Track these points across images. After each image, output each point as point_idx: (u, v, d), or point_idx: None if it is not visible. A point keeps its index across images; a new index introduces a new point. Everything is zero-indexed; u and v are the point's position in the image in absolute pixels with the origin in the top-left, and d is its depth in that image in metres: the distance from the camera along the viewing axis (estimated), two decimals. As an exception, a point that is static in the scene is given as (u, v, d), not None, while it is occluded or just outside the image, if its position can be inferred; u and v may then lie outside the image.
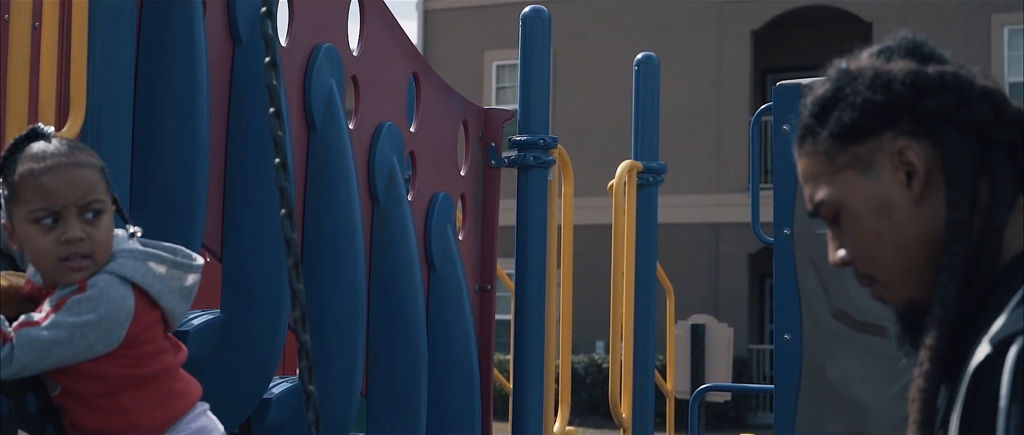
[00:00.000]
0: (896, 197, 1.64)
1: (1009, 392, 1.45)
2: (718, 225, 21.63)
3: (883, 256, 1.67)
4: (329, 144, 3.72)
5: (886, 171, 1.65)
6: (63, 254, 2.23)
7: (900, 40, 1.71)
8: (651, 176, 5.46)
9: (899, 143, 1.64)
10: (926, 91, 1.63)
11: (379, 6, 4.23)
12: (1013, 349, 1.46)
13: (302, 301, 2.24)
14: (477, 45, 23.78)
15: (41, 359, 2.17)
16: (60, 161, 2.25)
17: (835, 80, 1.70)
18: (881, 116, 1.64)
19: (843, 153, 1.67)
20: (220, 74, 3.40)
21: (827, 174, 1.69)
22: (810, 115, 1.71)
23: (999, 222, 1.60)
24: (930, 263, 1.63)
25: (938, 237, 1.62)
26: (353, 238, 3.74)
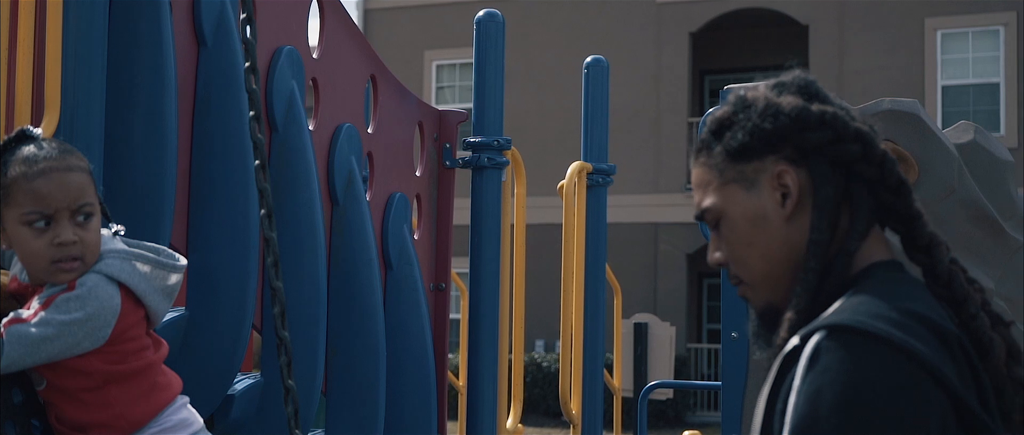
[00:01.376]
0: (771, 213, 1.88)
1: (802, 373, 1.69)
2: (657, 225, 21.77)
3: (752, 262, 1.90)
4: (290, 145, 3.78)
5: (765, 190, 1.89)
6: (55, 256, 2.28)
7: (794, 78, 1.95)
8: (600, 177, 5.54)
9: (779, 167, 1.87)
10: (808, 125, 1.86)
11: (338, 9, 4.29)
12: (812, 340, 1.71)
13: (282, 298, 2.30)
14: (417, 45, 23.76)
15: (30, 355, 2.22)
16: (52, 165, 2.29)
17: (733, 105, 1.94)
18: (767, 142, 1.88)
19: (731, 169, 1.90)
20: (185, 76, 3.45)
21: (715, 185, 1.92)
22: (709, 132, 1.94)
23: (850, 247, 1.84)
24: (790, 273, 1.88)
25: (800, 252, 1.87)
26: (314, 237, 3.80)
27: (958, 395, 1.69)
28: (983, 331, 1.83)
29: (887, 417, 1.65)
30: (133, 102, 3.17)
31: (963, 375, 1.74)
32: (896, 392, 1.66)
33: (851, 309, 1.75)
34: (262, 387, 3.75)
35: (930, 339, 1.72)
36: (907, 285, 1.83)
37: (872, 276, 1.83)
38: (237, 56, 3.51)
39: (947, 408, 1.68)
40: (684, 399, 20.56)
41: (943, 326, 1.75)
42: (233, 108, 3.48)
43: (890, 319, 1.71)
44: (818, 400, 1.67)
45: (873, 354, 1.68)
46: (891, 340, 1.68)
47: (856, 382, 1.66)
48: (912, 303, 1.76)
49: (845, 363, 1.67)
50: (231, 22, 3.56)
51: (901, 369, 1.67)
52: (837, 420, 1.65)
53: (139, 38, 3.18)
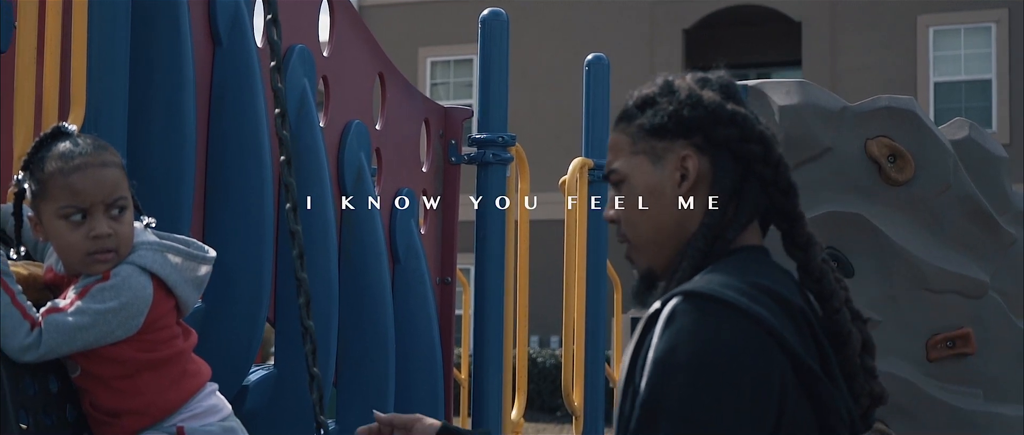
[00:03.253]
0: (668, 189, 2.08)
1: (660, 332, 1.91)
2: (651, 221, 21.82)
3: (642, 228, 2.11)
4: (302, 141, 3.86)
5: (668, 168, 2.08)
6: (91, 248, 2.37)
7: (718, 78, 2.15)
8: (601, 173, 5.61)
9: (685, 152, 2.07)
10: (720, 121, 2.06)
11: (347, 8, 4.37)
12: (670, 304, 1.92)
13: (306, 289, 2.39)
14: (411, 41, 23.80)
15: (66, 343, 2.31)
16: (88, 161, 2.37)
17: (659, 87, 2.14)
18: (681, 127, 2.08)
19: (644, 142, 2.10)
20: (201, 74, 3.54)
21: (627, 152, 2.12)
22: (634, 105, 2.15)
23: (729, 235, 2.05)
24: (673, 246, 2.08)
25: (686, 229, 2.07)
26: (326, 232, 3.89)
27: (800, 358, 1.89)
28: (844, 324, 2.03)
29: (732, 372, 1.86)
30: (153, 100, 3.26)
31: (806, 343, 1.94)
32: (741, 351, 1.87)
33: (706, 280, 1.95)
34: (275, 378, 3.83)
35: (775, 309, 1.92)
36: (762, 265, 2.03)
37: (736, 255, 2.04)
38: (252, 55, 3.60)
39: (787, 369, 1.89)
40: (678, 394, 20.63)
41: (789, 298, 1.96)
42: (248, 105, 3.57)
43: (739, 289, 1.92)
44: (672, 356, 1.88)
45: (722, 317, 1.89)
46: (738, 305, 1.89)
47: (706, 340, 1.87)
48: (762, 279, 1.96)
49: (697, 324, 1.89)
50: (245, 21, 3.65)
51: (746, 331, 1.88)
52: (687, 373, 1.86)
53: (158, 38, 3.27)
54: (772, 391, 1.87)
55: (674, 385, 1.87)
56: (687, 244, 2.06)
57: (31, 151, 2.42)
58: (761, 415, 1.86)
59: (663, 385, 1.88)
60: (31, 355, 2.28)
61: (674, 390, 1.87)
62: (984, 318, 4.30)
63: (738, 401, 1.85)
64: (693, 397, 1.86)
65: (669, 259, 2.09)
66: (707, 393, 1.85)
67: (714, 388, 1.86)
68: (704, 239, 2.04)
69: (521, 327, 5.16)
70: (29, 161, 2.41)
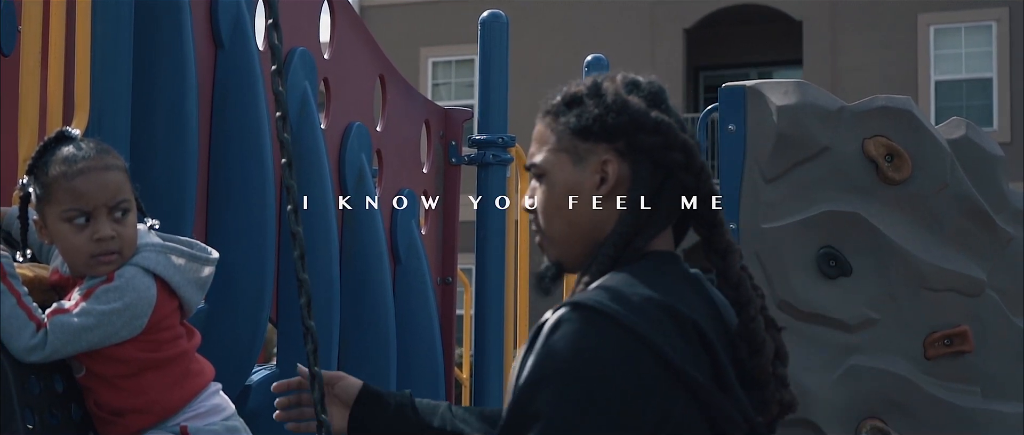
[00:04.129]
0: (586, 190, 2.09)
1: (543, 339, 1.95)
2: (652, 220, 21.84)
3: (556, 224, 2.13)
4: (304, 143, 3.90)
5: (589, 169, 2.09)
6: (95, 251, 2.40)
7: (648, 83, 2.15)
8: (599, 174, 5.64)
9: (606, 156, 2.08)
10: (643, 128, 2.08)
11: (347, 10, 4.41)
12: (557, 313, 1.96)
13: (308, 290, 2.42)
14: (413, 41, 23.82)
15: (72, 343, 2.34)
16: (91, 165, 2.41)
17: (587, 87, 2.15)
18: (605, 131, 2.09)
19: (568, 140, 2.11)
20: (203, 77, 3.57)
21: (550, 147, 2.14)
22: (562, 102, 2.16)
23: (640, 242, 2.07)
24: (585, 245, 2.10)
25: (600, 231, 2.09)
26: (327, 232, 3.93)
27: (680, 369, 1.92)
28: (758, 332, 2.05)
29: (602, 382, 1.90)
30: (156, 103, 3.30)
31: (694, 354, 1.96)
32: (615, 362, 1.90)
33: (597, 291, 1.98)
34: (278, 378, 3.86)
35: (662, 321, 1.95)
36: (664, 274, 2.05)
37: (643, 262, 2.06)
38: (253, 58, 3.64)
39: (667, 380, 1.92)
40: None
41: (680, 312, 1.97)
42: (250, 107, 3.60)
43: (627, 302, 1.94)
44: (547, 364, 1.93)
45: (602, 329, 1.92)
46: (618, 318, 1.91)
47: (581, 350, 1.91)
48: (656, 289, 1.98)
49: (577, 334, 1.92)
50: (247, 24, 3.68)
51: (623, 343, 1.91)
52: (558, 382, 1.90)
53: (161, 42, 3.31)
54: (645, 402, 1.90)
55: (544, 392, 1.91)
56: (599, 247, 2.08)
57: (35, 156, 2.46)
58: (631, 425, 1.90)
59: (534, 392, 1.92)
60: (37, 355, 2.32)
61: (544, 397, 1.91)
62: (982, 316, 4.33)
63: (605, 411, 1.89)
64: (560, 405, 1.90)
65: (579, 257, 2.12)
66: (575, 402, 1.89)
67: (582, 397, 1.90)
68: (614, 246, 2.07)
69: (522, 326, 5.19)
70: (33, 165, 2.45)
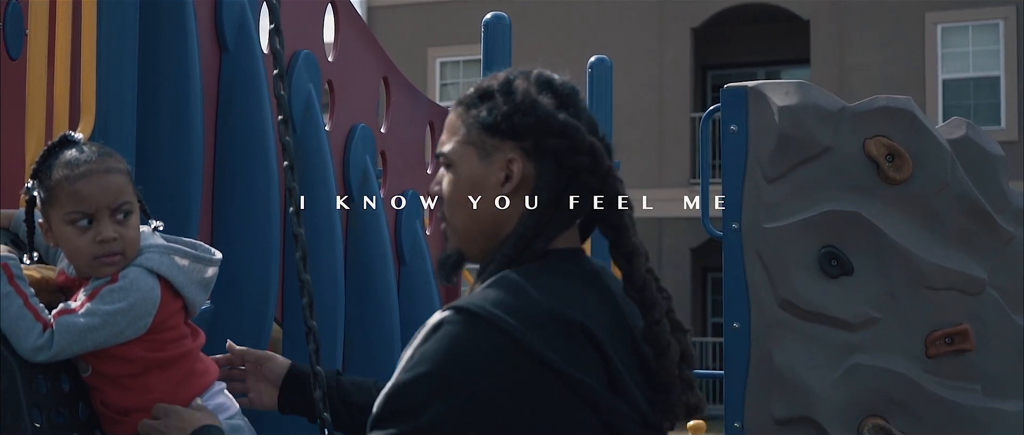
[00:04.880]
0: (490, 186, 2.13)
1: (421, 340, 2.00)
2: (661, 220, 21.85)
3: (459, 216, 2.17)
4: (308, 145, 3.93)
5: (495, 165, 2.13)
6: (98, 252, 2.44)
7: (561, 84, 2.20)
8: (604, 173, 5.67)
9: (513, 155, 2.12)
10: (549, 130, 2.11)
11: (351, 12, 4.44)
12: (441, 315, 2.00)
13: (310, 290, 2.47)
14: (420, 42, 23.86)
15: (77, 343, 2.38)
16: (92, 168, 2.45)
17: (500, 82, 2.19)
18: (512, 130, 2.12)
19: (476, 134, 2.15)
20: (208, 79, 3.61)
21: (460, 138, 2.17)
22: (474, 93, 2.20)
23: (539, 245, 2.10)
24: (486, 239, 2.15)
25: (502, 227, 2.13)
26: (332, 233, 3.96)
27: (567, 374, 1.94)
28: (663, 335, 2.09)
29: (474, 384, 1.92)
30: (161, 106, 3.33)
31: (586, 359, 1.98)
32: (488, 365, 1.93)
33: (482, 294, 2.01)
34: (283, 378, 3.90)
35: (548, 326, 1.97)
36: (562, 274, 2.08)
37: (543, 261, 2.09)
38: (258, 60, 3.67)
39: (552, 385, 1.94)
40: (690, 392, 20.63)
41: (567, 315, 1.99)
42: (255, 110, 3.64)
43: (510, 306, 1.97)
44: (422, 361, 1.96)
45: (479, 332, 1.95)
46: (496, 323, 1.94)
47: (457, 353, 1.94)
48: (545, 294, 2.00)
49: (454, 336, 1.96)
50: (251, 27, 3.72)
51: (498, 347, 1.94)
52: (431, 380, 1.93)
53: (165, 45, 3.34)
54: (519, 406, 1.92)
55: (416, 390, 1.94)
56: (499, 246, 2.12)
57: (39, 159, 2.50)
58: (502, 427, 1.92)
59: (406, 388, 1.95)
60: (43, 355, 2.36)
61: (415, 395, 1.94)
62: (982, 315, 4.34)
63: (475, 413, 1.92)
64: (430, 404, 1.92)
65: (480, 250, 2.17)
66: (444, 403, 1.92)
67: (453, 399, 1.92)
68: (513, 246, 2.10)
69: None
70: (38, 169, 2.49)
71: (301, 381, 2.59)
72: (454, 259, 2.23)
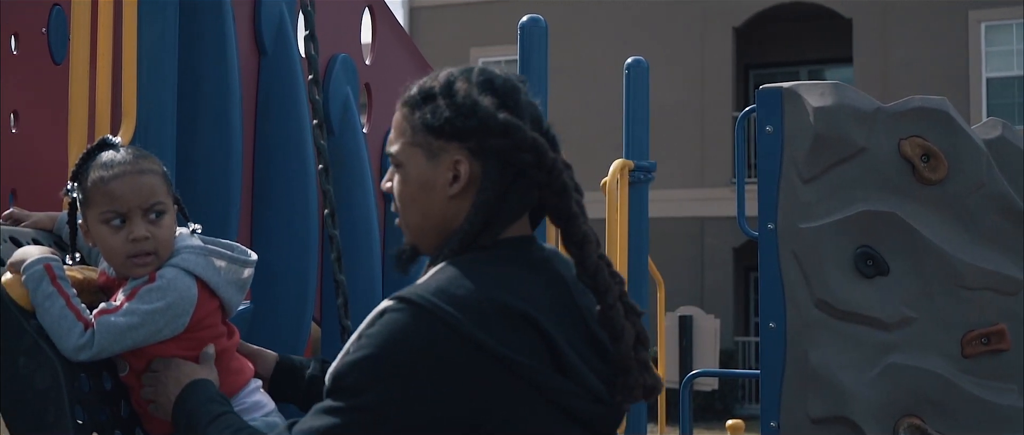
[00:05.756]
0: (439, 185, 2.19)
1: (363, 327, 2.08)
2: (703, 219, 21.80)
3: (410, 213, 2.24)
4: (346, 147, 3.98)
5: (442, 166, 2.18)
6: (131, 251, 2.50)
7: (503, 81, 2.23)
8: (642, 174, 5.70)
9: (458, 155, 2.17)
10: (491, 131, 2.16)
11: (388, 15, 4.49)
12: (385, 304, 2.07)
13: (345, 290, 2.51)
14: (463, 42, 23.91)
15: (117, 342, 2.43)
16: (126, 169, 2.51)
17: (441, 84, 2.23)
18: (455, 132, 2.17)
19: (421, 136, 2.20)
20: (247, 84, 3.66)
21: (406, 139, 2.23)
22: (417, 95, 2.24)
23: (486, 239, 2.17)
24: (437, 234, 2.21)
25: (452, 223, 2.19)
26: (369, 234, 4.01)
27: (507, 358, 2.02)
28: (617, 319, 2.14)
29: (412, 370, 2.01)
30: (201, 110, 3.39)
31: (528, 343, 2.06)
32: (425, 352, 2.01)
33: (424, 284, 2.09)
34: (322, 376, 3.95)
35: (488, 313, 2.05)
36: (504, 265, 2.15)
37: (490, 251, 2.16)
38: (295, 64, 3.72)
39: (491, 370, 2.02)
40: (732, 391, 20.60)
41: (508, 303, 2.07)
42: (292, 113, 3.69)
43: (449, 296, 2.05)
44: (365, 345, 2.05)
45: (419, 321, 2.02)
46: (435, 312, 2.02)
47: (397, 339, 2.02)
48: (487, 283, 2.08)
49: (394, 325, 2.03)
50: (289, 32, 3.77)
51: (436, 334, 2.01)
52: (371, 364, 2.03)
53: (205, 50, 3.40)
54: (457, 390, 2.01)
55: (357, 375, 2.04)
56: (446, 241, 2.19)
57: (79, 162, 2.56)
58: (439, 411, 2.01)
59: (349, 371, 2.05)
60: (85, 354, 2.41)
61: (356, 378, 2.04)
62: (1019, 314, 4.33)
63: (412, 397, 2.01)
64: (369, 389, 2.02)
65: (432, 244, 2.24)
66: (382, 387, 2.02)
67: (391, 384, 2.01)
68: (459, 242, 2.17)
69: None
70: (77, 171, 2.56)
71: (291, 371, 2.68)
72: (408, 253, 2.31)
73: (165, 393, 2.46)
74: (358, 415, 2.04)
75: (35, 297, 2.41)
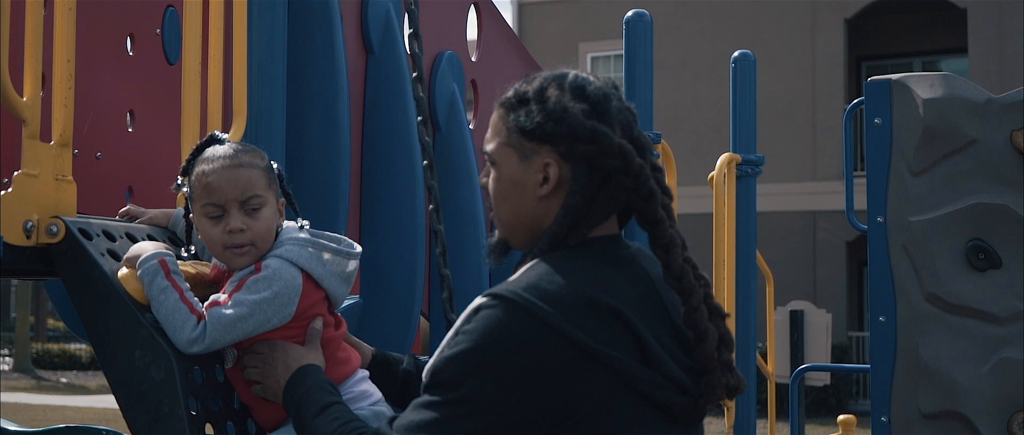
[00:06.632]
0: (530, 185, 2.30)
1: (460, 324, 2.17)
2: (815, 213, 21.59)
3: (503, 210, 2.35)
4: (453, 144, 4.03)
5: (533, 167, 2.29)
6: (227, 242, 2.58)
7: (595, 88, 2.30)
8: (749, 167, 5.68)
9: (548, 159, 2.28)
10: (579, 138, 2.25)
11: (493, 12, 4.52)
12: (479, 301, 2.16)
13: (449, 284, 2.55)
14: (571, 37, 23.93)
15: (228, 333, 2.49)
16: (224, 163, 2.59)
17: (535, 89, 2.32)
18: (545, 136, 2.27)
19: (515, 138, 2.30)
20: (355, 82, 3.72)
21: (501, 139, 2.34)
22: (513, 98, 2.34)
23: (575, 238, 2.26)
24: (527, 231, 2.32)
25: (542, 222, 2.29)
26: (476, 229, 4.05)
27: (597, 351, 2.10)
28: (701, 321, 2.23)
29: (507, 363, 2.09)
30: (310, 109, 3.45)
31: (616, 336, 2.14)
32: (520, 346, 2.10)
33: (516, 281, 2.19)
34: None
35: (578, 307, 2.13)
36: (592, 262, 2.23)
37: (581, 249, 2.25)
38: (402, 62, 3.77)
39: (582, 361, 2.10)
40: (846, 387, 20.38)
41: (597, 298, 2.15)
42: (399, 111, 3.74)
43: (541, 292, 2.14)
44: (462, 340, 2.14)
45: (513, 317, 2.11)
46: (527, 307, 2.11)
47: (492, 334, 2.12)
48: (576, 279, 2.17)
49: (488, 321, 2.13)
50: (396, 31, 3.82)
51: (530, 329, 2.10)
52: (468, 358, 2.12)
53: (314, 50, 3.46)
54: (549, 382, 2.09)
55: (456, 365, 2.13)
56: (536, 239, 2.30)
57: (188, 158, 2.64)
58: (533, 400, 2.10)
59: (447, 365, 2.14)
60: (198, 347, 2.48)
61: (455, 368, 2.13)
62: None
63: (508, 388, 2.10)
64: (467, 381, 2.11)
65: (522, 240, 2.34)
66: (480, 380, 2.11)
67: (488, 377, 2.10)
68: (548, 242, 2.26)
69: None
70: (185, 167, 2.63)
71: (385, 366, 2.76)
72: (500, 246, 2.40)
73: (273, 376, 2.53)
74: (456, 408, 2.12)
75: (150, 291, 2.48)
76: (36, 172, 2.52)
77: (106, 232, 2.62)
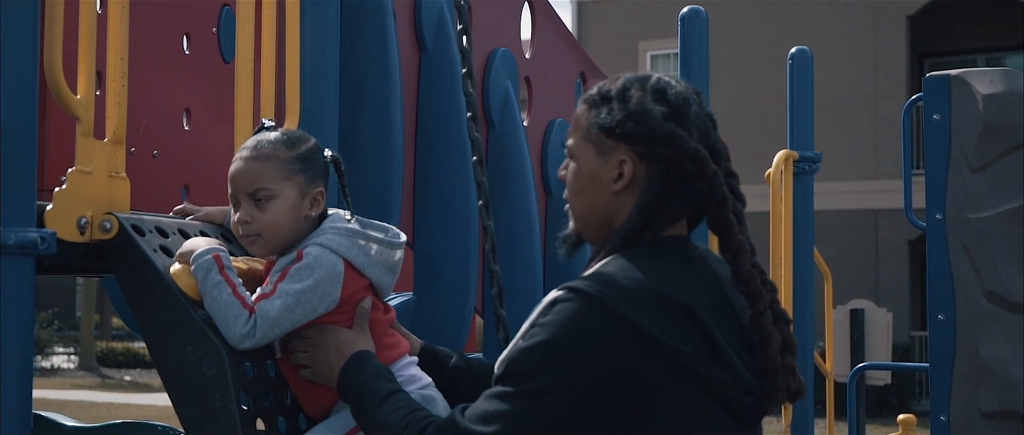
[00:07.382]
0: (605, 180, 2.34)
1: (536, 316, 2.21)
2: (877, 211, 21.41)
3: (578, 203, 2.41)
4: (506, 141, 4.03)
5: (610, 163, 2.34)
6: (238, 232, 2.64)
7: (677, 93, 2.35)
8: (806, 165, 5.63)
9: (625, 156, 2.32)
10: (656, 139, 2.30)
11: (547, 10, 4.52)
12: (555, 294, 2.21)
13: (499, 280, 2.55)
14: (630, 36, 23.90)
15: (278, 325, 2.50)
16: (243, 154, 2.63)
17: (618, 88, 2.37)
18: (624, 135, 2.32)
19: (595, 133, 2.35)
20: (408, 79, 3.73)
21: (582, 134, 2.39)
22: (596, 95, 2.40)
23: (647, 237, 2.30)
24: (600, 226, 2.37)
25: (615, 217, 2.34)
26: (529, 225, 4.05)
27: (669, 346, 2.14)
28: (765, 325, 2.28)
29: (583, 356, 2.14)
30: (362, 105, 3.47)
31: (687, 333, 2.18)
32: (596, 339, 2.14)
33: (592, 275, 2.23)
34: (484, 366, 4.00)
35: (652, 304, 2.17)
36: (664, 261, 2.27)
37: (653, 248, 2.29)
38: (455, 60, 3.78)
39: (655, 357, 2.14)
40: (908, 386, 20.20)
41: (670, 295, 2.19)
42: (452, 108, 3.75)
43: (617, 287, 2.18)
44: (538, 332, 2.18)
45: (589, 310, 2.16)
46: (603, 302, 2.15)
47: (568, 328, 2.15)
48: (650, 276, 2.21)
49: (565, 314, 2.17)
50: (449, 28, 3.83)
51: (604, 323, 2.15)
52: (544, 350, 2.16)
53: (367, 47, 3.48)
54: (623, 375, 2.14)
55: (531, 359, 2.17)
56: (608, 235, 2.35)
57: None
58: (607, 394, 2.15)
59: (524, 355, 2.19)
60: (249, 342, 2.49)
61: (530, 362, 2.17)
62: None
63: (583, 380, 2.14)
64: (543, 372, 2.15)
65: (595, 234, 2.40)
66: (556, 371, 2.14)
67: (563, 368, 2.14)
68: (621, 239, 2.31)
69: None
70: None
71: (433, 359, 2.79)
72: (572, 239, 2.46)
73: (325, 360, 2.56)
74: (531, 399, 2.16)
75: (203, 286, 2.50)
76: (90, 169, 2.54)
77: (159, 228, 2.64)
